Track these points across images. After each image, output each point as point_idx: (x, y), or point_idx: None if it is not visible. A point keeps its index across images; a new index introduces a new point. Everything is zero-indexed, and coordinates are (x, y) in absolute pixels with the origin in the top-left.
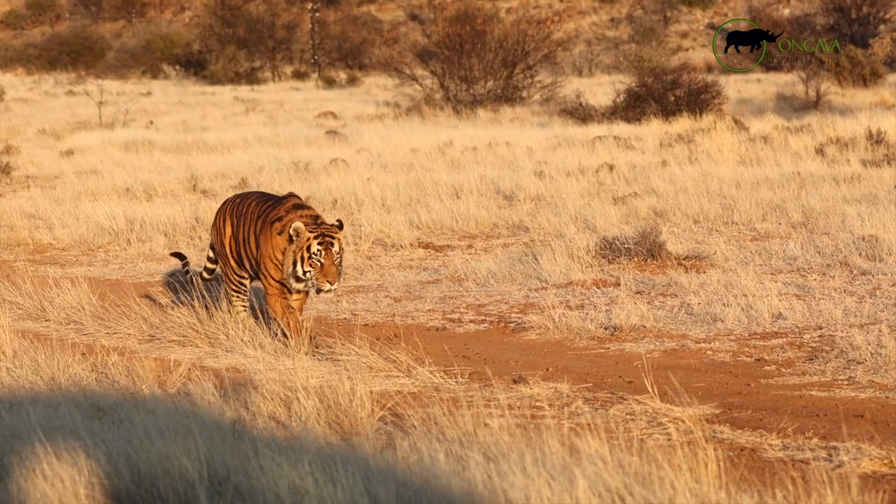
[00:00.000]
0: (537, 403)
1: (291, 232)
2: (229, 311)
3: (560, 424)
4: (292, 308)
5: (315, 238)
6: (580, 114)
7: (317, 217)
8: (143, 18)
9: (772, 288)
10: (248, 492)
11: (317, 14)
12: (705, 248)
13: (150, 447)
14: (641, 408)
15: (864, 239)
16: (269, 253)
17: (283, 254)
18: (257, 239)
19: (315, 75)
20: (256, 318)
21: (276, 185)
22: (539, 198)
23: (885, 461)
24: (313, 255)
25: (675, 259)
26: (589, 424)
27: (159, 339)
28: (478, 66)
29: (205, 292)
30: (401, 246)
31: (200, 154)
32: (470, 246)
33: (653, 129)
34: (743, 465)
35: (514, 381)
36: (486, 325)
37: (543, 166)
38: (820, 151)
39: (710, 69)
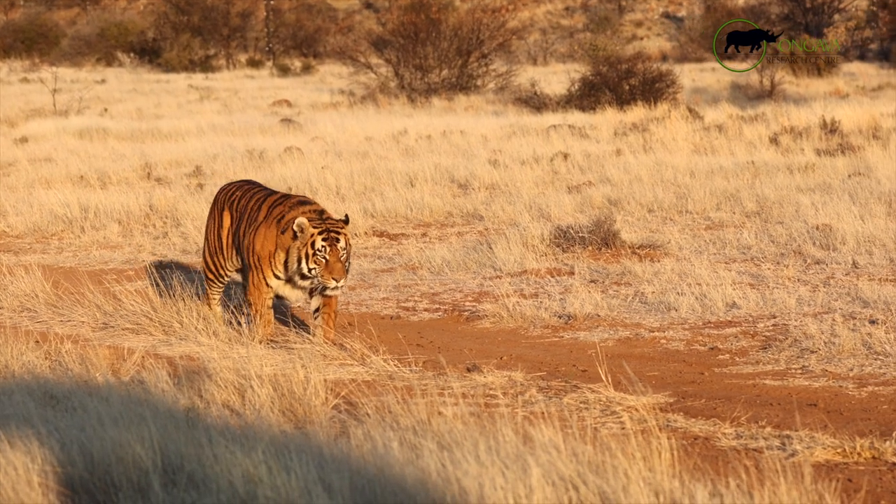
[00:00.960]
0: (491, 392)
1: (295, 228)
2: (206, 301)
3: (514, 413)
4: (271, 307)
5: (319, 234)
6: (535, 102)
7: (322, 212)
8: (97, 6)
9: (726, 277)
10: (201, 480)
11: (271, 2)
12: (659, 237)
13: (104, 435)
14: (595, 396)
15: (817, 228)
16: (270, 250)
17: (287, 252)
18: (254, 232)
19: (270, 63)
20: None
21: (231, 174)
22: (493, 186)
23: (839, 450)
24: (318, 252)
25: (630, 248)
26: (543, 413)
27: (113, 326)
28: (432, 54)
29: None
30: (355, 234)
31: (155, 142)
32: (424, 234)
33: (607, 117)
34: (696, 454)
35: (469, 370)
36: (440, 313)
37: (498, 155)
38: (774, 141)
39: (664, 58)
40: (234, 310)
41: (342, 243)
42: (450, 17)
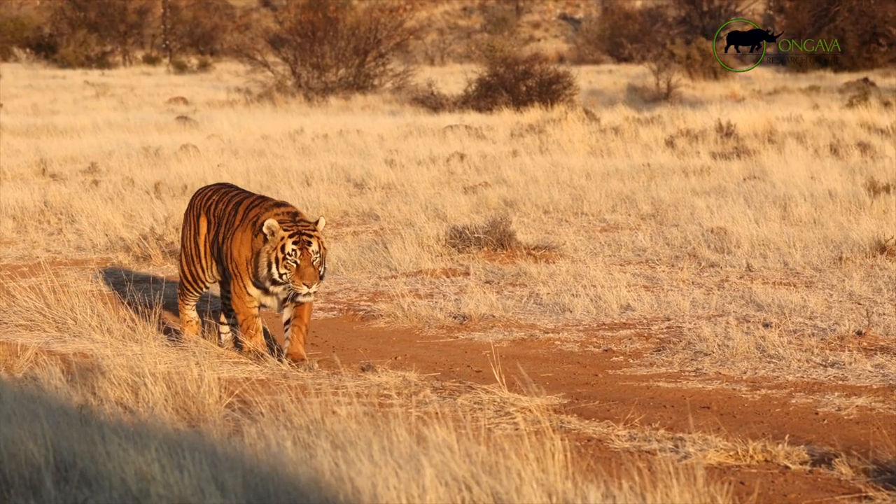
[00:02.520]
0: (385, 392)
1: (265, 230)
2: (219, 328)
3: (408, 413)
4: (257, 316)
5: (290, 237)
6: (432, 103)
7: (295, 214)
8: None
9: (620, 279)
10: (94, 477)
11: None
12: (555, 238)
13: None
14: (489, 397)
15: (712, 231)
16: (248, 256)
17: (257, 255)
18: (231, 237)
19: (166, 60)
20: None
21: (127, 171)
22: (389, 186)
23: (731, 453)
24: (288, 256)
25: (525, 249)
26: (437, 413)
27: (6, 323)
28: (329, 53)
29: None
30: None
31: (50, 138)
32: None
33: (504, 118)
34: (590, 456)
35: (363, 369)
36: (335, 312)
37: (394, 155)
38: (670, 143)
39: (561, 60)
40: (211, 315)
41: (314, 247)
42: (347, 16)
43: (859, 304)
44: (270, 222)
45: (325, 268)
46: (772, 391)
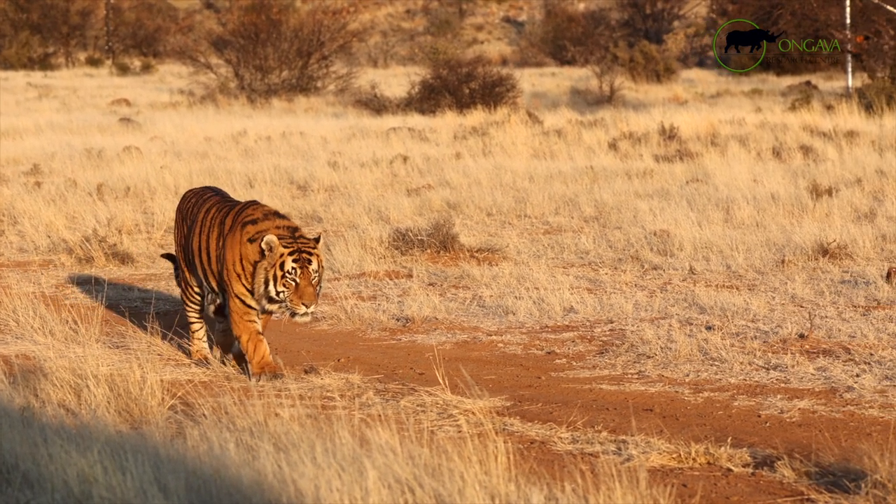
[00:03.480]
0: (328, 394)
1: (264, 246)
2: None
3: (351, 415)
4: (260, 332)
5: (290, 254)
6: (375, 105)
7: (295, 229)
8: None
9: (563, 281)
10: (36, 479)
11: (111, 1)
12: (498, 240)
13: None
14: (432, 399)
15: (655, 234)
16: (235, 260)
17: (254, 268)
18: (220, 246)
19: (109, 62)
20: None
21: (69, 172)
22: (333, 188)
23: (674, 455)
24: (287, 274)
25: (468, 251)
26: (380, 415)
27: None
28: (273, 55)
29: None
30: None
31: None
32: None
33: (447, 121)
34: (533, 458)
35: (306, 372)
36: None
37: (337, 157)
38: (613, 146)
39: (504, 62)
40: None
41: (314, 265)
42: (290, 18)
43: (801, 306)
44: (270, 238)
45: (321, 287)
46: (714, 394)
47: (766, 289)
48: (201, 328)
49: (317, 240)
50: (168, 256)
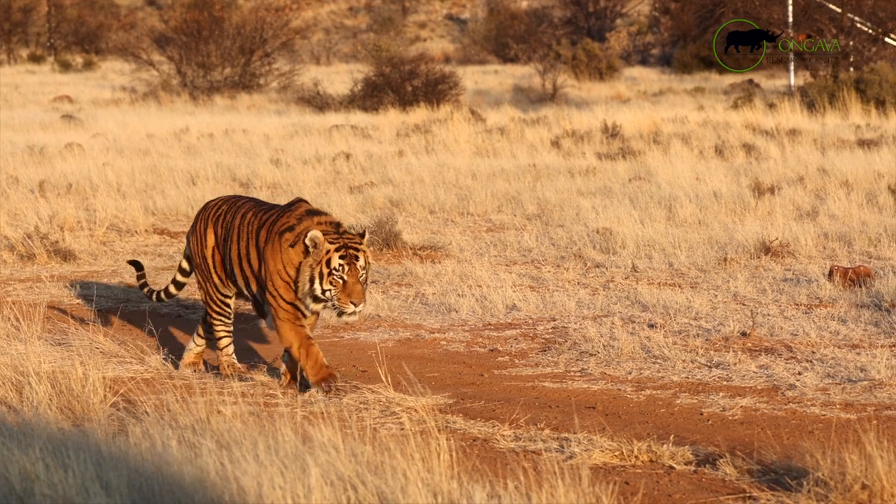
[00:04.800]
0: (271, 392)
1: (307, 242)
2: (194, 341)
3: (293, 413)
4: (310, 338)
5: (336, 250)
6: (318, 102)
7: (338, 224)
8: None
9: (506, 279)
10: None
11: None
12: (441, 238)
13: None
14: (375, 397)
15: (598, 232)
16: (279, 269)
17: (298, 269)
18: (261, 253)
19: (51, 59)
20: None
21: (11, 169)
22: (275, 185)
23: (616, 453)
24: (334, 271)
25: (411, 249)
26: (322, 413)
27: None
28: (215, 52)
29: None
30: (136, 232)
31: None
32: None
33: (390, 118)
34: (475, 456)
35: (248, 369)
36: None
37: (280, 154)
38: (556, 144)
39: (447, 60)
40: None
41: (362, 262)
42: (233, 15)
43: (744, 304)
44: (314, 233)
45: (367, 284)
46: (657, 391)
47: (709, 287)
48: (230, 343)
49: (362, 235)
50: (133, 263)
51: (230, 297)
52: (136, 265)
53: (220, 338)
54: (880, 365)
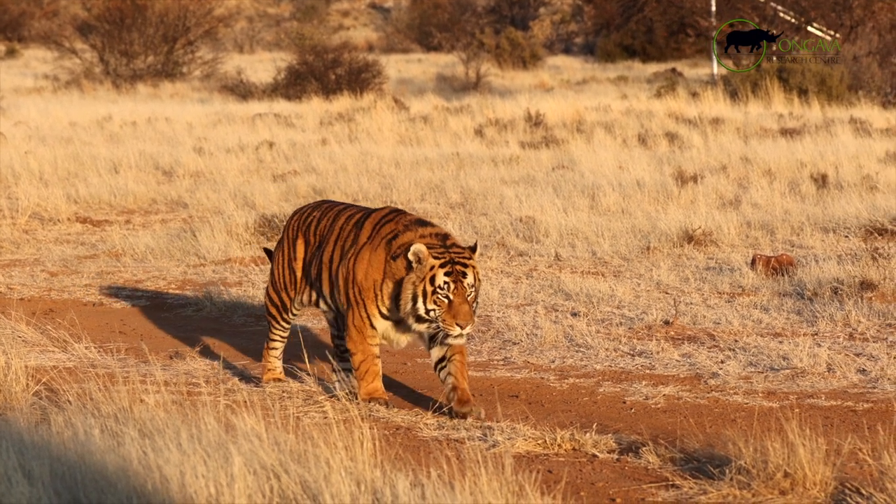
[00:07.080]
0: (194, 380)
1: (411, 257)
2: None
3: (216, 401)
4: (377, 357)
5: (441, 266)
6: (241, 90)
7: (445, 236)
8: None
9: None
10: None
11: None
12: None
13: None
14: (298, 386)
15: (521, 220)
16: (377, 280)
17: (400, 283)
18: (354, 257)
19: None
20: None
21: None
22: (198, 174)
23: (539, 441)
24: (438, 290)
25: None
26: (245, 402)
27: None
28: (138, 40)
29: None
30: (58, 220)
31: None
32: (128, 221)
33: (313, 107)
34: (398, 444)
35: (171, 358)
36: (143, 300)
37: (203, 143)
38: (479, 132)
39: (371, 49)
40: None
41: (470, 279)
42: (156, 3)
43: (666, 293)
44: (418, 247)
45: (477, 303)
46: (580, 380)
47: (632, 275)
48: (281, 355)
49: (473, 248)
50: (268, 252)
51: (298, 313)
52: (270, 254)
53: (274, 349)
54: (802, 353)
